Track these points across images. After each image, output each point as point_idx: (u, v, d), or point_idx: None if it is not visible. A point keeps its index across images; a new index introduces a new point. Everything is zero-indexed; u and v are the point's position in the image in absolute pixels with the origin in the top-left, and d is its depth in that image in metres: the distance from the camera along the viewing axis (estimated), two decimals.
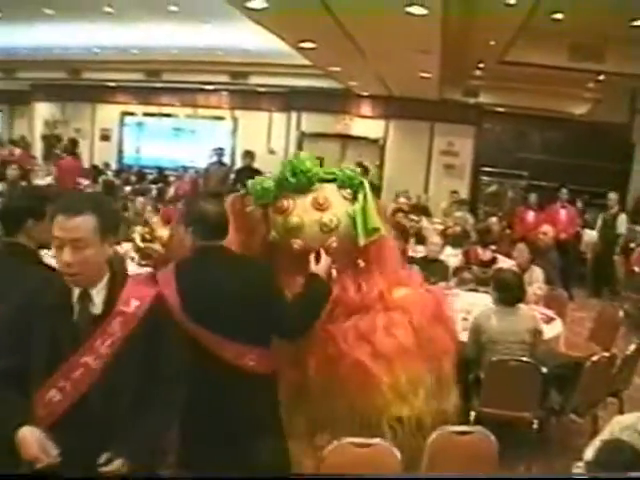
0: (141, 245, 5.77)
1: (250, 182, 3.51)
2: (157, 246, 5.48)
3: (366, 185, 3.46)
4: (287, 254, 3.38)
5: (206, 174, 11.78)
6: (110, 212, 2.37)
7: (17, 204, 2.95)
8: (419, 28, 6.60)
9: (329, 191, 3.41)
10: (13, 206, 2.95)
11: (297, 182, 3.35)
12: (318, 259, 3.23)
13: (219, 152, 12.05)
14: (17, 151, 13.12)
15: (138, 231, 6.01)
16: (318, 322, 3.19)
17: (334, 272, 3.34)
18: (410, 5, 5.82)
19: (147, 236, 5.85)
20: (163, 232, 5.55)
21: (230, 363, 2.88)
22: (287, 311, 3.04)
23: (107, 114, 17.78)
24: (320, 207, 3.32)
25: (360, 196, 3.40)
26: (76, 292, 2.28)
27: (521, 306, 4.70)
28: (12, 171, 9.59)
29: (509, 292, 4.65)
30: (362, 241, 3.35)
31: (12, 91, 19.45)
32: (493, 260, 7.25)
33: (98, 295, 2.29)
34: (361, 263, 3.45)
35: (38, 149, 17.28)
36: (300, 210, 3.32)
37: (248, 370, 2.92)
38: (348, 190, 3.42)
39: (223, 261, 3.05)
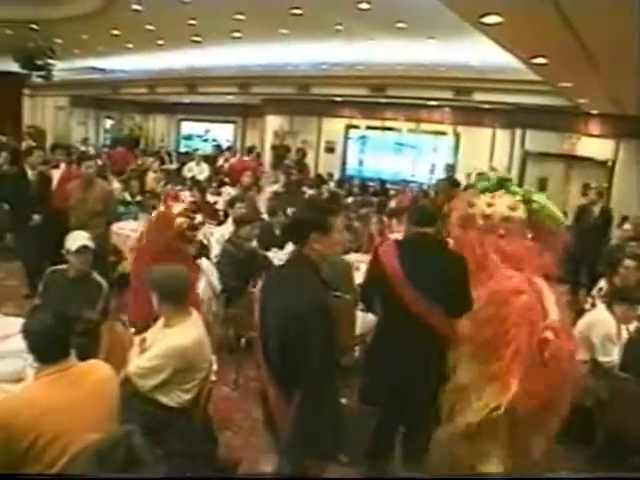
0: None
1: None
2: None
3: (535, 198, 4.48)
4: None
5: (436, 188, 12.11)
6: None
7: (302, 216, 2.99)
8: None
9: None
10: (299, 218, 3.02)
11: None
12: None
13: (448, 168, 12.32)
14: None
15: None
16: None
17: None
18: None
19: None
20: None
21: (423, 319, 3.74)
22: (464, 296, 3.82)
23: (332, 127, 18.41)
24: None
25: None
26: None
27: None
28: (245, 178, 10.32)
29: None
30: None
31: (246, 105, 20.98)
32: None
33: None
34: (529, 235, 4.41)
35: (267, 158, 18.34)
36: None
37: (434, 327, 3.77)
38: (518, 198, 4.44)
39: (431, 244, 3.95)
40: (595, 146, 14.07)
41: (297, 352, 2.64)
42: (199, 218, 6.34)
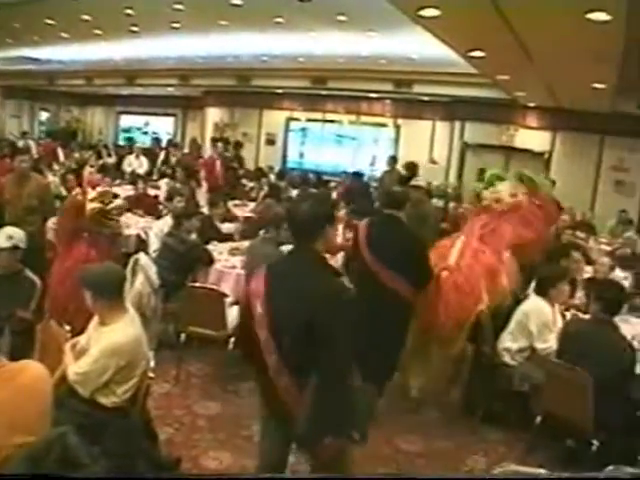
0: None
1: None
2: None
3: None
4: None
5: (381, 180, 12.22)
6: None
7: (318, 211, 2.95)
8: (598, 36, 6.22)
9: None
10: (315, 212, 2.94)
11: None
12: None
13: (391, 160, 12.52)
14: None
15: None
16: None
17: None
18: (591, 11, 5.51)
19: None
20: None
21: (389, 287, 4.69)
22: (424, 269, 4.81)
23: (273, 119, 18.37)
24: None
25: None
26: None
27: None
28: (181, 171, 10.25)
29: None
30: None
31: (186, 97, 20.71)
32: None
33: None
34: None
35: (208, 151, 18.08)
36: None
37: (399, 293, 4.72)
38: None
39: (397, 225, 4.92)
40: (532, 138, 14.38)
41: (319, 342, 2.75)
42: (117, 202, 6.10)
